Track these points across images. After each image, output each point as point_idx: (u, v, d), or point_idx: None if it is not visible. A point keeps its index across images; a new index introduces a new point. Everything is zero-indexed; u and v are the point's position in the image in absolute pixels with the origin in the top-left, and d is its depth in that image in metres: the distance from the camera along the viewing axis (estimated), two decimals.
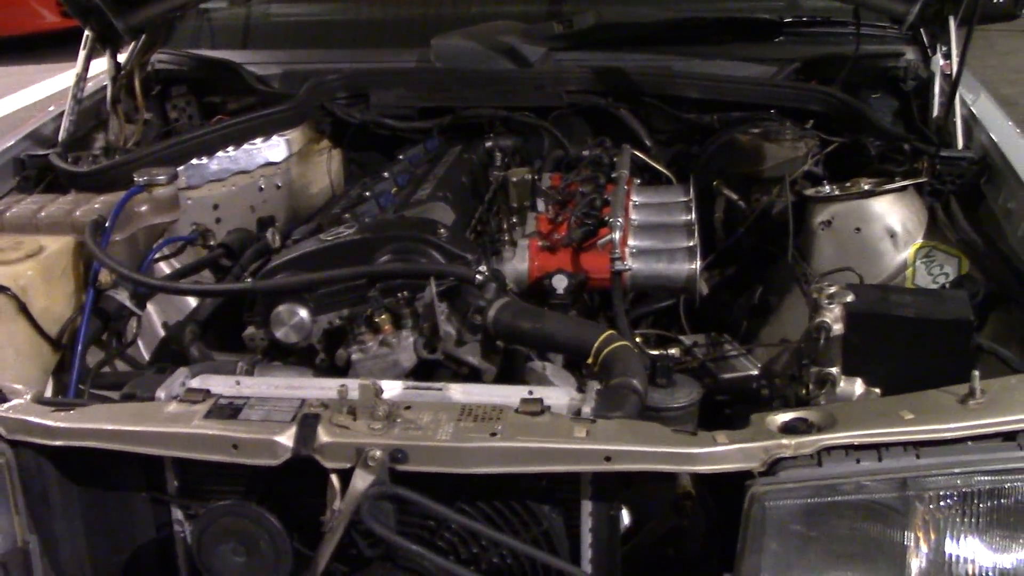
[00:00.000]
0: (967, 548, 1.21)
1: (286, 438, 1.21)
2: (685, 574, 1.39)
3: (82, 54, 2.18)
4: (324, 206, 2.05)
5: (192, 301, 1.89)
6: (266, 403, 1.27)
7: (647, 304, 1.92)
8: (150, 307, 1.85)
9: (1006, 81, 6.93)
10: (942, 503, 1.19)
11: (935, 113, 1.97)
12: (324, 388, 1.32)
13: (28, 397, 1.34)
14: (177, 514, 1.37)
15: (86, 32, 2.19)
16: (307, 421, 1.22)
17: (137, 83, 2.30)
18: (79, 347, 1.65)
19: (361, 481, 1.20)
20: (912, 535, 1.19)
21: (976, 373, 1.22)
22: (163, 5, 2.20)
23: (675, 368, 1.54)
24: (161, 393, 1.33)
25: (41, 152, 2.02)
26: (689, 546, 1.39)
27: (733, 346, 1.77)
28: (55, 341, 1.68)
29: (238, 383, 1.35)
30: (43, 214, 1.80)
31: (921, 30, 2.14)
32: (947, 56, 1.99)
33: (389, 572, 1.27)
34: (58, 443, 1.27)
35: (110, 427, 1.26)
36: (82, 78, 2.17)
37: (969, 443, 1.18)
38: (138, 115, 2.31)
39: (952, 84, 1.88)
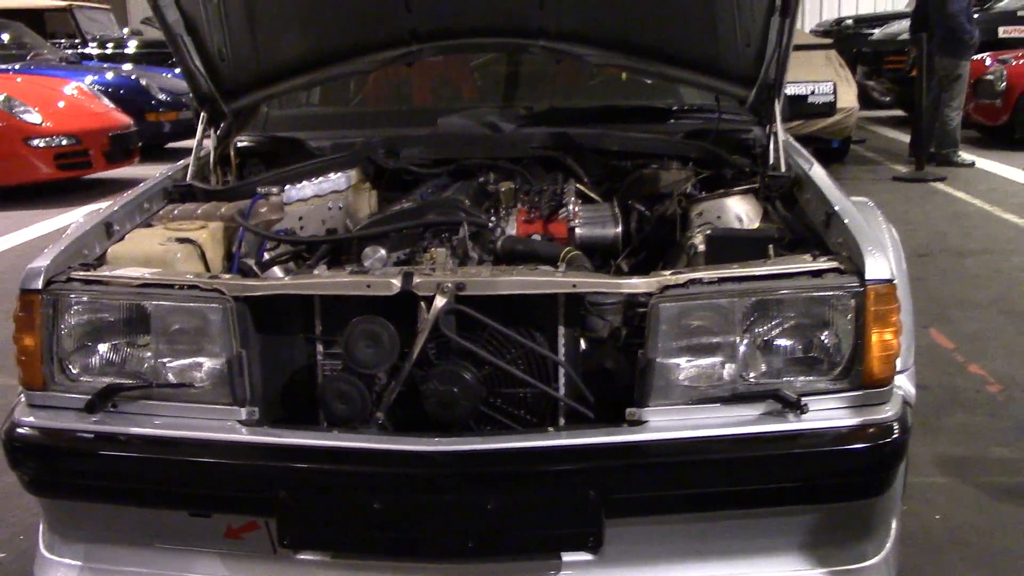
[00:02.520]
0: (765, 336, 2.17)
1: (397, 280, 2.13)
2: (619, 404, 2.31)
3: (200, 128, 3.20)
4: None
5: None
6: (381, 270, 2.24)
7: None
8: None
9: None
10: (752, 310, 2.14)
11: (771, 160, 3.08)
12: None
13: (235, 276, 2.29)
14: (319, 349, 2.29)
15: (202, 113, 3.22)
16: (408, 272, 2.17)
17: (232, 153, 3.32)
18: None
19: (439, 302, 2.14)
20: (738, 327, 2.16)
21: (772, 247, 2.26)
22: (258, 96, 3.27)
23: None
24: (315, 270, 2.30)
25: (181, 184, 3.01)
26: (622, 382, 2.33)
27: None
28: None
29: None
30: (199, 211, 2.77)
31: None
32: (773, 122, 3.11)
33: (451, 365, 2.19)
34: (256, 294, 2.20)
35: (289, 281, 2.22)
36: (199, 144, 3.19)
37: (765, 280, 2.18)
38: (228, 178, 3.32)
39: (776, 138, 2.99)
